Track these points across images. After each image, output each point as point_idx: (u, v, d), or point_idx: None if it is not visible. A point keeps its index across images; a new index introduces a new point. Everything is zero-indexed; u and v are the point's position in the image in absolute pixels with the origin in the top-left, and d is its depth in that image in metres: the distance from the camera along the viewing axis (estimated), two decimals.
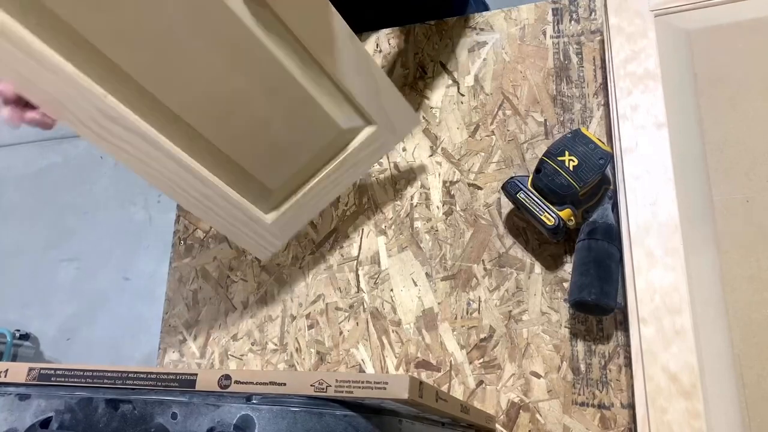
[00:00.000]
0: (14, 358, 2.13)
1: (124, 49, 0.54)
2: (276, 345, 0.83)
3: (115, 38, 0.54)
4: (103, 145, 0.57)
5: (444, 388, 0.71)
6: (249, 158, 0.68)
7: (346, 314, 0.80)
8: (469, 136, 0.81)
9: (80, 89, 0.54)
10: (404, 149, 0.85)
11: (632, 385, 0.57)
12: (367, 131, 0.74)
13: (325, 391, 0.35)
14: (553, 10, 0.82)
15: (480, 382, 0.69)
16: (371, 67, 0.69)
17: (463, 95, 0.84)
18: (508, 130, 0.79)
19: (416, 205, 0.81)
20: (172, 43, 0.56)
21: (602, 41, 0.77)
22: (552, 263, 0.71)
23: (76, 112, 0.54)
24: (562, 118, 0.76)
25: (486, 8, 1.04)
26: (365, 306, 0.79)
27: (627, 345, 0.64)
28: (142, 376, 0.41)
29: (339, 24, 0.63)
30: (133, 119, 0.58)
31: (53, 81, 0.52)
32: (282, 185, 0.73)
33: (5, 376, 0.45)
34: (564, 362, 0.66)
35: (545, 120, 0.77)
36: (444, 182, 0.81)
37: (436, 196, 0.80)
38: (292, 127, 0.68)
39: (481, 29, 0.86)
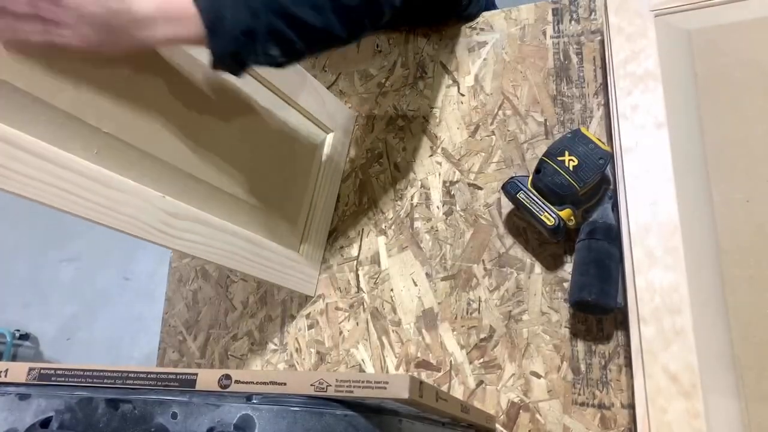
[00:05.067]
0: (14, 358, 2.13)
1: (167, 144, 0.61)
2: (276, 345, 0.83)
3: (162, 137, 0.60)
4: (176, 243, 0.62)
5: (444, 388, 0.71)
6: (268, 201, 0.75)
7: (346, 314, 0.80)
8: (469, 136, 0.81)
9: (144, 196, 0.59)
10: (404, 149, 0.85)
11: (632, 385, 0.57)
12: (329, 139, 0.86)
13: (326, 391, 0.35)
14: (553, 10, 0.82)
15: (480, 382, 0.69)
16: (312, 82, 0.81)
17: (463, 95, 0.84)
18: (508, 130, 0.79)
19: (416, 205, 0.81)
20: (206, 129, 0.65)
21: (602, 41, 0.77)
22: (552, 263, 0.71)
23: (147, 220, 0.58)
24: (562, 118, 0.76)
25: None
26: (365, 306, 0.79)
27: (627, 345, 0.64)
28: (142, 376, 0.41)
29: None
30: (185, 207, 0.63)
31: (124, 199, 0.57)
32: (296, 216, 0.80)
33: (5, 376, 0.45)
34: (564, 362, 0.66)
35: (545, 120, 0.77)
36: (444, 182, 0.81)
37: (436, 196, 0.80)
38: (286, 159, 0.78)
39: (481, 29, 0.86)
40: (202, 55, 0.63)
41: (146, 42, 0.52)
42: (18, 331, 2.17)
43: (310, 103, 0.80)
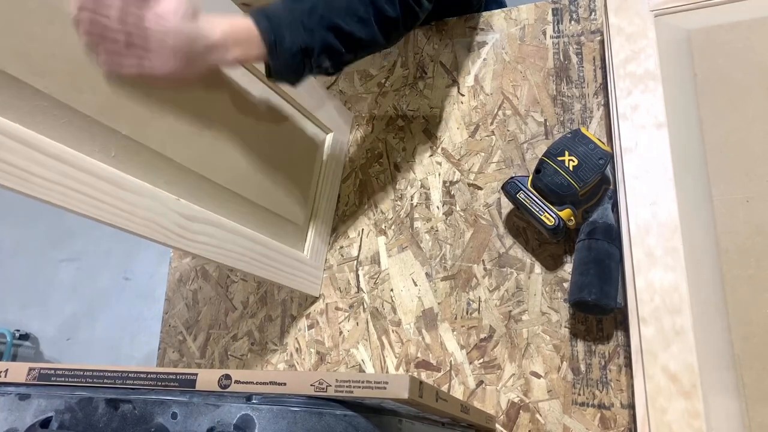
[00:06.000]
0: (14, 358, 2.14)
1: (179, 146, 0.61)
2: (276, 345, 0.83)
3: (174, 139, 0.60)
4: (191, 246, 0.61)
5: (444, 388, 0.71)
6: (274, 202, 0.76)
7: (346, 314, 0.80)
8: (469, 136, 0.81)
9: (160, 199, 0.58)
10: (404, 149, 0.85)
11: (632, 385, 0.57)
12: (329, 139, 0.86)
13: (325, 391, 0.35)
14: (553, 10, 0.82)
15: (480, 382, 0.69)
16: (312, 82, 0.80)
17: (463, 95, 0.84)
18: (508, 130, 0.79)
19: (416, 205, 0.81)
20: (215, 131, 0.65)
21: (602, 41, 0.77)
22: (552, 263, 0.71)
23: (163, 223, 0.58)
24: (562, 118, 0.76)
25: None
26: (365, 306, 0.79)
27: (627, 345, 0.64)
28: (142, 376, 0.41)
29: None
30: (199, 210, 0.63)
31: (141, 202, 0.56)
32: (300, 217, 0.81)
33: (5, 376, 0.45)
34: (564, 362, 0.66)
35: (545, 120, 0.77)
36: (444, 182, 0.81)
37: (436, 196, 0.80)
38: (290, 160, 0.79)
39: (481, 29, 0.86)
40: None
41: (218, 63, 0.57)
42: (18, 331, 2.17)
43: (311, 104, 0.80)
